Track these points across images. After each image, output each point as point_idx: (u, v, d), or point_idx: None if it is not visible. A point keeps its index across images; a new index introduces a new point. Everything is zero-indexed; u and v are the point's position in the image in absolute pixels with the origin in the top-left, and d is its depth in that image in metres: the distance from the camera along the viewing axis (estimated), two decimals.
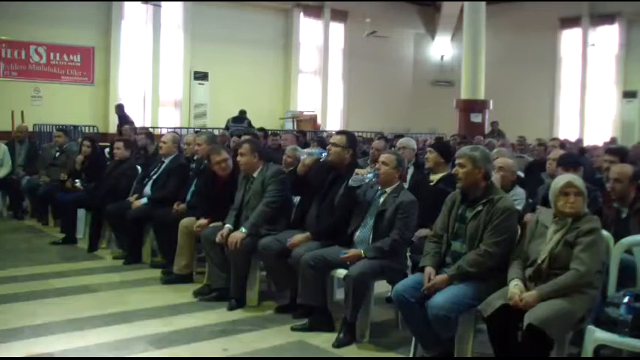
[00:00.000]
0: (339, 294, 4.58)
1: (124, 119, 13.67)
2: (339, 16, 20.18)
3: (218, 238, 4.87)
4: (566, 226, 3.42)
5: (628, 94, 18.39)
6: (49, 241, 7.08)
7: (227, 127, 13.91)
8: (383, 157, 4.44)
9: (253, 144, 5.16)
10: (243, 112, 15.31)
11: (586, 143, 14.09)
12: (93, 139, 8.08)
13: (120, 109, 14.29)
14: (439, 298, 3.51)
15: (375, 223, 4.29)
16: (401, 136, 11.56)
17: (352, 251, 4.24)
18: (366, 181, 4.32)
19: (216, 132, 10.07)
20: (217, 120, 16.32)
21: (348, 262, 4.18)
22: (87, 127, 14.07)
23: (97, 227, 6.75)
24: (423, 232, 4.51)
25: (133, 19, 16.36)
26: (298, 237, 4.58)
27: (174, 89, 17.23)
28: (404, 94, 21.46)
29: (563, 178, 3.54)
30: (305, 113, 18.28)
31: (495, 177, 4.48)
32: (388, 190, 4.36)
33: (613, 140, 13.96)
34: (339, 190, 4.65)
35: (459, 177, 3.80)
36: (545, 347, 3.23)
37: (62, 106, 14.77)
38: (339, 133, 5.06)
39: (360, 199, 4.51)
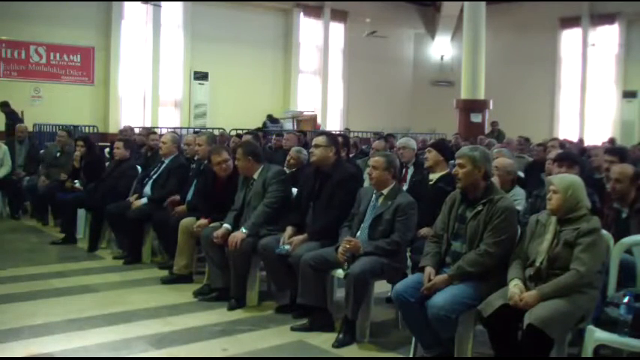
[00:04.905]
0: (339, 294, 4.58)
1: (12, 116, 12.72)
2: (339, 16, 20.18)
3: (214, 237, 4.88)
4: (553, 225, 3.43)
5: (628, 94, 18.41)
6: (49, 241, 7.08)
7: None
8: (372, 160, 4.44)
9: (247, 148, 5.14)
10: None
11: (586, 143, 14.10)
12: (87, 138, 8.05)
13: (6, 106, 12.93)
14: (439, 298, 3.51)
15: (373, 226, 4.28)
16: (391, 135, 11.62)
17: (353, 240, 4.22)
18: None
19: (215, 132, 10.07)
20: (217, 120, 16.33)
21: (345, 255, 4.16)
22: (87, 127, 14.06)
23: (97, 227, 6.74)
24: (423, 231, 4.52)
25: (133, 19, 16.37)
26: (296, 240, 4.58)
27: (174, 89, 17.24)
28: (404, 94, 21.47)
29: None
30: (305, 113, 18.29)
31: (492, 177, 4.47)
32: (384, 192, 4.35)
33: (611, 140, 13.96)
34: (329, 189, 4.67)
35: (458, 177, 3.79)
36: (545, 347, 3.23)
37: (62, 106, 14.78)
38: (319, 134, 5.15)
39: (351, 194, 4.54)
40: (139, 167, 7.12)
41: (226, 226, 4.95)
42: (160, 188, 6.22)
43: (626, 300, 3.26)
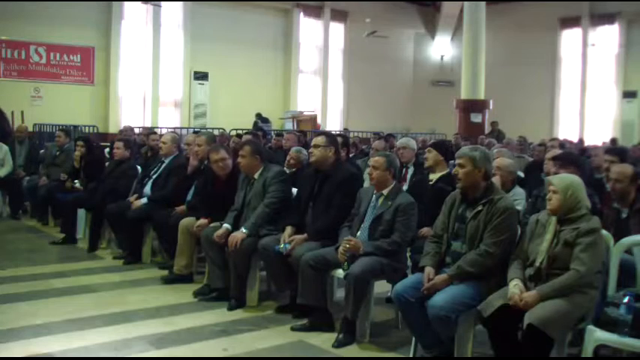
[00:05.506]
0: (339, 294, 4.58)
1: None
2: (339, 16, 20.19)
3: (214, 237, 4.88)
4: (553, 225, 3.44)
5: (628, 94, 18.43)
6: (49, 241, 7.07)
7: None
8: (372, 160, 4.43)
9: (254, 146, 5.16)
10: None
11: (586, 143, 14.11)
12: (87, 139, 8.05)
13: None
14: (439, 298, 3.51)
15: (373, 226, 4.28)
16: (391, 135, 11.63)
17: (354, 240, 4.22)
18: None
19: (215, 132, 10.08)
20: (217, 120, 16.34)
21: (345, 255, 4.17)
22: (87, 127, 14.08)
23: (97, 227, 6.74)
24: (424, 231, 4.52)
25: (133, 19, 16.38)
26: (296, 240, 4.59)
27: (174, 89, 17.25)
28: (404, 94, 21.47)
29: None
30: (305, 113, 18.29)
31: (494, 178, 4.47)
32: (385, 192, 4.35)
33: (613, 141, 13.96)
34: (329, 190, 4.66)
35: (459, 177, 3.79)
36: (545, 347, 3.23)
37: (62, 106, 14.78)
38: (318, 134, 5.12)
39: (351, 195, 4.54)
40: (139, 167, 7.12)
41: (226, 226, 4.95)
42: (160, 188, 6.22)
43: (626, 300, 3.26)
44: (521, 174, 6.60)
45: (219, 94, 17.40)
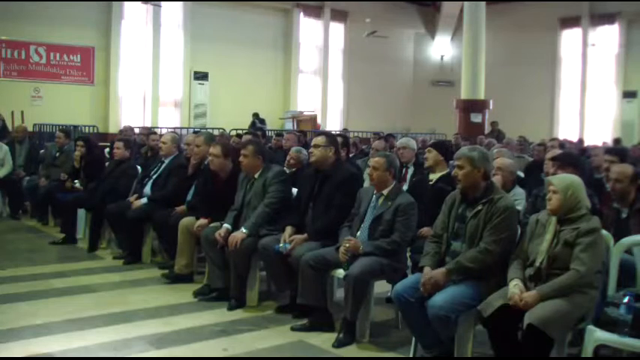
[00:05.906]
0: (339, 294, 4.58)
1: None
2: (339, 16, 20.19)
3: (215, 237, 4.88)
4: (553, 225, 3.44)
5: (628, 94, 18.43)
6: (49, 241, 7.07)
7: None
8: (372, 161, 4.43)
9: (257, 146, 5.16)
10: None
11: (586, 143, 14.11)
12: (87, 139, 8.05)
13: None
14: (439, 298, 3.51)
15: (373, 226, 4.28)
16: (391, 135, 11.64)
17: (352, 240, 4.22)
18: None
19: (215, 132, 10.08)
20: (217, 120, 16.34)
21: (347, 255, 4.16)
22: (87, 127, 14.07)
23: (97, 227, 6.74)
24: (424, 231, 4.52)
25: (133, 19, 16.38)
26: (296, 240, 4.59)
27: (174, 89, 17.25)
28: (404, 94, 21.48)
29: None
30: (305, 113, 18.29)
31: (495, 178, 4.47)
32: (385, 192, 4.35)
33: (617, 141, 13.94)
34: (329, 190, 4.66)
35: (458, 178, 3.79)
36: (545, 347, 3.23)
37: (62, 106, 14.78)
38: (318, 134, 5.10)
39: (351, 195, 4.54)
40: (139, 167, 7.12)
41: (226, 226, 4.95)
42: (160, 188, 6.22)
43: (626, 300, 3.26)
44: (521, 174, 6.60)
45: (219, 94, 17.40)
